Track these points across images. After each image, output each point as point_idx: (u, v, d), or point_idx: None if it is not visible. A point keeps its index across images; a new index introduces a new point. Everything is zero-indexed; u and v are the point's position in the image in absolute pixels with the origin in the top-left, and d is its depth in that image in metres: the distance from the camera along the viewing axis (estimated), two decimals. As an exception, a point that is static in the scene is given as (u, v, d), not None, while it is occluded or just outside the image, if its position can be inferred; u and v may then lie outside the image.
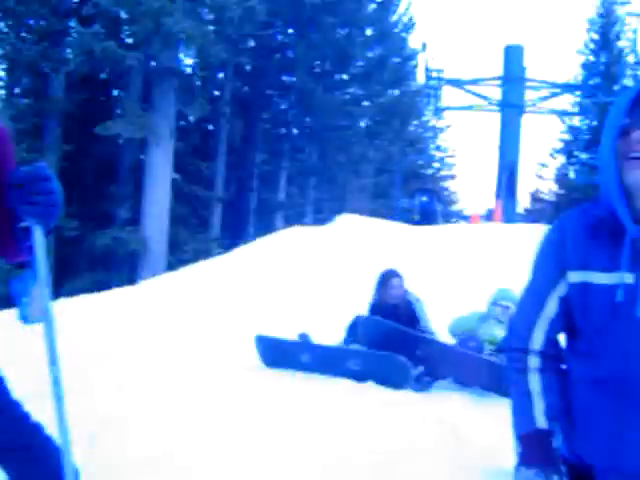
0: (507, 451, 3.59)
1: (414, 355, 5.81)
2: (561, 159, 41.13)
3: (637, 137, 1.69)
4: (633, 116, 1.73)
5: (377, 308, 6.58)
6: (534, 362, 1.92)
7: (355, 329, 6.49)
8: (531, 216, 30.84)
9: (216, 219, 24.08)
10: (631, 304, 1.69)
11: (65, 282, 16.50)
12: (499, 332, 6.10)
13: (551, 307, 1.88)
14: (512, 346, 1.97)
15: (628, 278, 1.69)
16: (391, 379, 5.72)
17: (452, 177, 48.01)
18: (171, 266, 16.37)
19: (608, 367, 1.75)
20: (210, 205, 24.02)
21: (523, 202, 41.17)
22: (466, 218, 24.15)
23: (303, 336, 6.59)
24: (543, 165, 42.43)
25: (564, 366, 1.92)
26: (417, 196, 16.82)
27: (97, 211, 19.59)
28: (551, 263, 1.87)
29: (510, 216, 19.34)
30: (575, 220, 1.87)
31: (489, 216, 19.89)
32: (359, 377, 5.84)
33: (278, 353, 6.36)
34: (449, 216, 27.60)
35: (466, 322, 6.45)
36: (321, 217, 21.41)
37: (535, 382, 1.92)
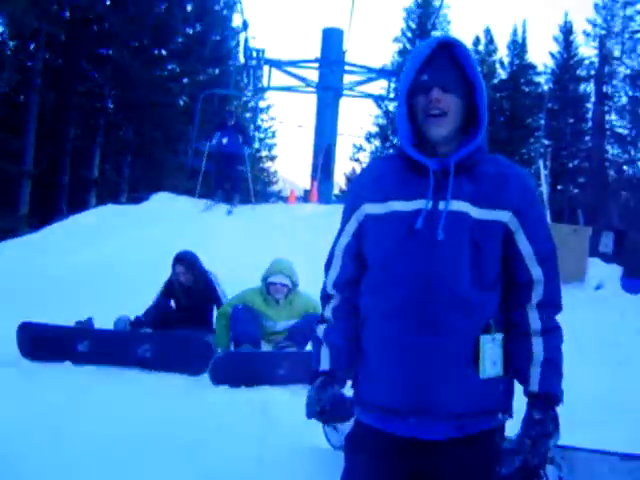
0: (315, 430, 3.78)
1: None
2: (377, 143, 42.69)
3: (435, 95, 1.84)
4: (429, 72, 1.86)
5: (169, 288, 6.51)
6: (330, 306, 2.06)
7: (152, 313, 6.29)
8: (344, 197, 31.66)
9: (25, 196, 22.96)
10: (431, 229, 1.80)
11: None
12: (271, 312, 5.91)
13: (342, 242, 2.01)
14: (322, 294, 2.11)
15: (428, 204, 1.82)
16: (191, 365, 5.46)
17: (272, 158, 48.36)
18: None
19: (406, 295, 1.81)
20: (19, 181, 22.85)
21: (339, 184, 42.36)
22: (284, 199, 24.34)
23: (81, 322, 5.97)
24: (360, 148, 43.81)
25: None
26: (216, 136, 14.25)
27: None
28: (349, 202, 2.01)
29: (326, 197, 19.69)
30: (376, 165, 2.08)
31: (306, 197, 20.09)
32: (151, 365, 5.48)
33: (48, 342, 5.59)
34: (268, 196, 27.83)
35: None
36: (137, 196, 20.89)
37: (321, 329, 2.06)
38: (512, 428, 2.01)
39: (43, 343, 5.61)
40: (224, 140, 14.01)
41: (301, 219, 12.84)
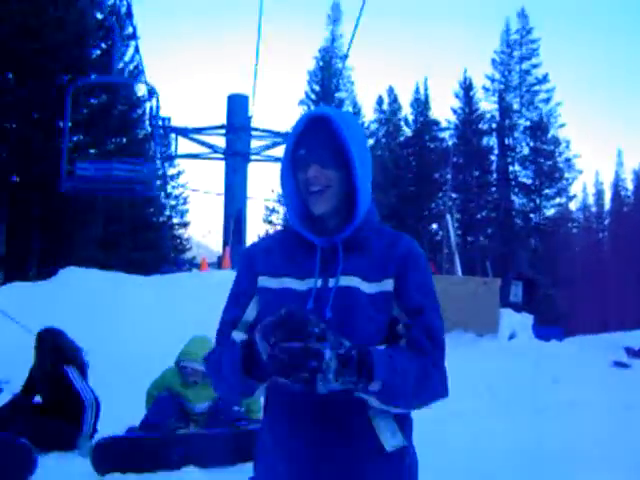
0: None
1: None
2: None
3: (313, 173, 1.81)
4: (307, 147, 1.83)
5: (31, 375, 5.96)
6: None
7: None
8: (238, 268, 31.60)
9: None
10: (321, 309, 1.76)
11: None
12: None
13: (251, 311, 1.92)
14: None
15: (318, 283, 1.79)
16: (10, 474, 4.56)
17: (185, 224, 48.09)
18: None
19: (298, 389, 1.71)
20: None
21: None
22: (197, 266, 24.23)
23: None
24: (272, 210, 44.11)
25: None
26: None
27: None
28: (244, 274, 1.96)
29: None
30: (267, 239, 2.04)
31: (219, 263, 20.01)
32: None
33: None
34: (180, 264, 27.59)
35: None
36: (47, 270, 20.35)
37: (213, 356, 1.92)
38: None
39: None
40: None
41: (213, 286, 12.72)
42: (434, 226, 46.75)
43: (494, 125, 49.66)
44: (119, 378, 7.67)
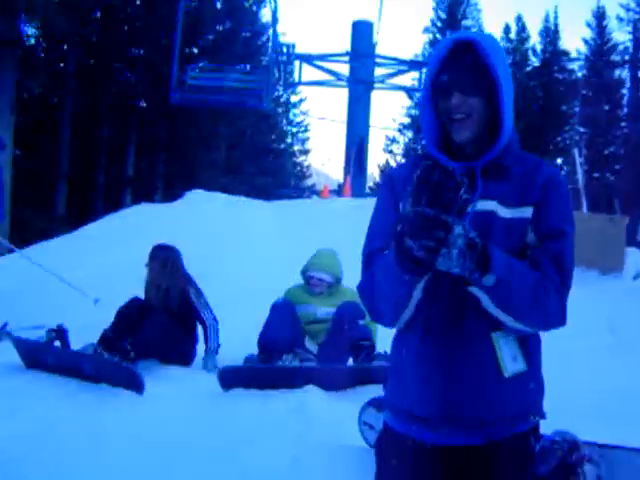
0: (352, 429, 3.76)
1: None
2: (409, 134, 42.55)
3: (456, 101, 1.79)
4: (449, 74, 1.80)
5: (147, 289, 5.90)
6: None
7: None
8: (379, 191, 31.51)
9: (61, 196, 23.24)
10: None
11: None
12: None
13: (380, 222, 1.94)
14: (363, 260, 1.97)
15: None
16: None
17: (306, 152, 48.46)
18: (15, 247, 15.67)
19: (442, 306, 1.79)
20: (54, 182, 23.14)
21: (374, 175, 42.30)
22: (318, 193, 24.39)
23: (50, 332, 5.52)
24: (393, 140, 43.69)
25: None
26: None
27: None
28: (386, 201, 1.96)
29: (359, 191, 19.64)
30: (404, 166, 2.05)
31: (339, 191, 20.10)
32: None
33: (33, 354, 5.27)
34: (301, 190, 27.89)
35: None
36: (172, 193, 21.04)
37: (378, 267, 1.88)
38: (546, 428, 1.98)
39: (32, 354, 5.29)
40: None
41: (334, 213, 12.82)
42: (559, 160, 45.22)
43: (627, 57, 46.98)
44: (236, 301, 7.87)
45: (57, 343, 5.49)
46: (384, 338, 4.55)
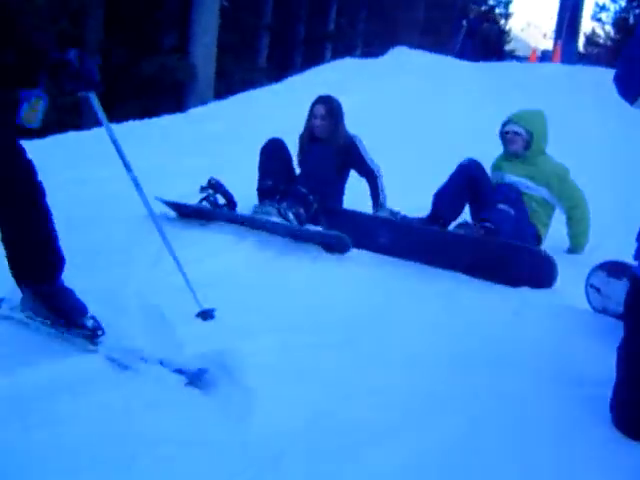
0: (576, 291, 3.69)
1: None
2: (622, 2, 38.99)
3: None
4: None
5: (301, 141, 5.52)
6: None
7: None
8: (585, 60, 29.62)
9: (263, 48, 23.54)
10: None
11: (113, 109, 16.41)
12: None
13: None
14: None
15: None
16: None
17: (506, 15, 45.86)
18: (219, 95, 16.15)
19: None
20: (258, 33, 23.40)
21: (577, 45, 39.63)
22: (518, 59, 23.42)
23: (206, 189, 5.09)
24: (602, 8, 40.31)
25: None
26: None
27: (144, 38, 19.12)
28: None
29: (569, 57, 18.57)
30: None
31: (544, 57, 19.19)
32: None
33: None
34: (503, 55, 26.68)
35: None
36: (370, 50, 20.73)
37: None
38: None
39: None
40: None
41: (544, 78, 12.16)
42: None
43: None
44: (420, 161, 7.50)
45: (222, 200, 5.10)
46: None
